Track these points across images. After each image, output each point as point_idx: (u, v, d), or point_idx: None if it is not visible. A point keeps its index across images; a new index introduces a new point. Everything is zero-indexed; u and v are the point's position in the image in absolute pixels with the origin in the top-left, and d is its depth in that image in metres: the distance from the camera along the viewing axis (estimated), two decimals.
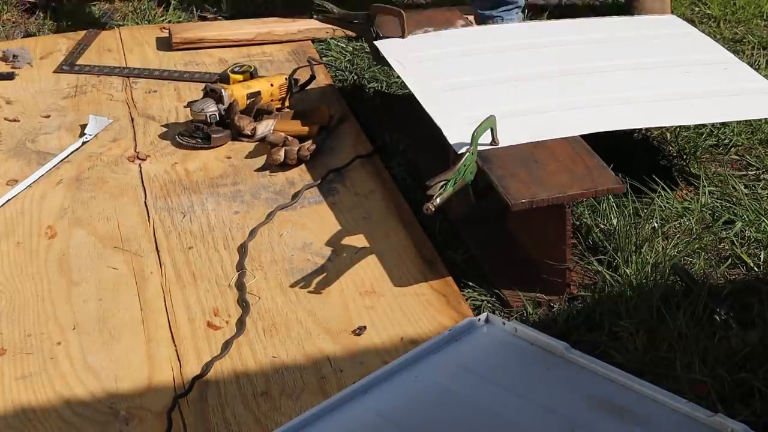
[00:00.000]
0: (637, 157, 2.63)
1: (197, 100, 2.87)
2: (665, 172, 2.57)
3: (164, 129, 2.93)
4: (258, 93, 2.85)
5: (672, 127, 2.76)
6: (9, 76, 3.26)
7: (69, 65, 3.33)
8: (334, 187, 2.61)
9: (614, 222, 2.35)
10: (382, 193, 2.58)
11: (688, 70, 2.64)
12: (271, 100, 2.89)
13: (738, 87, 2.57)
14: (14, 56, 3.34)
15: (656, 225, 2.35)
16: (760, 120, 2.82)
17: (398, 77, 2.95)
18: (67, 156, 2.79)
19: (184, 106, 2.98)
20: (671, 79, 2.59)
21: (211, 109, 2.80)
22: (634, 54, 2.78)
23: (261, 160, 2.73)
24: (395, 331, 2.09)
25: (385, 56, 2.81)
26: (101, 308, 2.19)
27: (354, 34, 3.35)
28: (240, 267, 2.30)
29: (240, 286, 2.24)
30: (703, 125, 2.77)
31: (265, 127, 2.82)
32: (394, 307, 2.17)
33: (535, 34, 2.77)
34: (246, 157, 2.76)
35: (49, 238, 2.44)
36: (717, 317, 2.04)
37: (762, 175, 2.61)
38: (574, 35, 2.81)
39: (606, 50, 2.77)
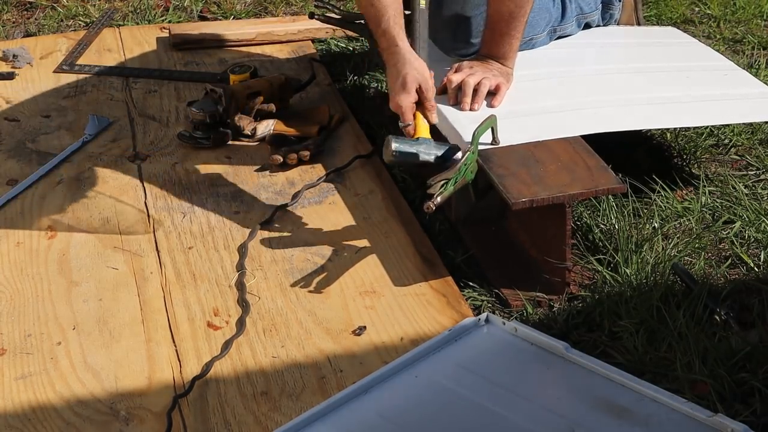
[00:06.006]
0: (637, 157, 2.63)
1: (197, 100, 2.87)
2: (665, 172, 2.57)
3: (164, 129, 2.93)
4: (258, 93, 2.85)
5: (672, 127, 2.76)
6: (9, 76, 3.26)
7: (69, 65, 3.33)
8: (334, 187, 2.61)
9: (614, 222, 2.35)
10: (382, 193, 2.58)
11: (688, 75, 2.65)
12: (271, 100, 2.89)
13: (738, 91, 2.58)
14: (14, 56, 3.34)
15: (656, 225, 2.36)
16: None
17: None
18: (67, 156, 2.79)
19: (185, 106, 2.97)
20: (672, 83, 2.60)
21: (211, 109, 2.80)
22: (635, 59, 2.79)
23: (261, 160, 2.73)
24: (395, 331, 2.09)
25: None
26: (101, 308, 2.19)
27: (354, 34, 3.35)
28: (240, 267, 2.30)
29: (240, 286, 2.24)
30: (704, 125, 2.77)
31: (265, 127, 2.82)
32: (394, 307, 2.17)
33: None
34: (246, 157, 2.76)
35: (49, 238, 2.44)
36: (717, 317, 2.04)
37: (762, 175, 2.61)
38: (573, 39, 2.82)
39: (606, 54, 2.78)
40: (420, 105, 2.30)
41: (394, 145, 2.19)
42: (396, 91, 2.29)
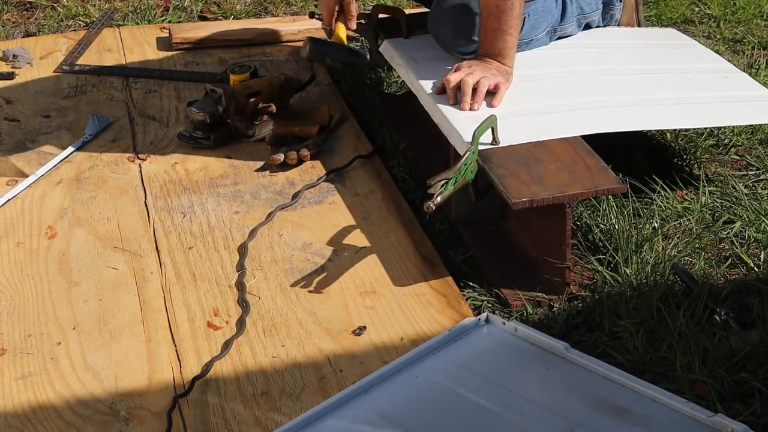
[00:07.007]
0: (637, 157, 2.63)
1: (197, 100, 2.86)
2: (665, 172, 2.57)
3: (164, 129, 2.93)
4: (258, 93, 2.85)
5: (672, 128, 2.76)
6: (9, 76, 3.26)
7: (69, 65, 3.33)
8: (334, 187, 2.61)
9: (614, 222, 2.35)
10: (382, 193, 2.58)
11: (689, 77, 2.65)
12: (271, 100, 2.89)
13: (738, 94, 2.58)
14: (14, 56, 3.34)
15: (656, 225, 2.36)
16: None
17: (398, 77, 2.95)
18: (67, 156, 2.79)
19: (185, 106, 2.97)
20: (672, 84, 2.60)
21: (211, 109, 2.80)
22: (635, 60, 2.79)
23: (261, 160, 2.73)
24: (395, 331, 2.09)
25: (387, 57, 2.81)
26: (101, 308, 2.19)
27: (354, 34, 3.35)
28: (240, 267, 2.30)
29: (240, 286, 2.24)
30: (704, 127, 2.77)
31: (265, 127, 2.82)
32: (394, 307, 2.17)
33: None
34: (246, 157, 2.76)
35: (49, 238, 2.44)
36: (717, 317, 2.04)
37: (762, 175, 2.62)
38: (574, 40, 2.82)
39: (606, 55, 2.78)
40: (341, 13, 2.77)
41: (309, 46, 2.74)
42: None
